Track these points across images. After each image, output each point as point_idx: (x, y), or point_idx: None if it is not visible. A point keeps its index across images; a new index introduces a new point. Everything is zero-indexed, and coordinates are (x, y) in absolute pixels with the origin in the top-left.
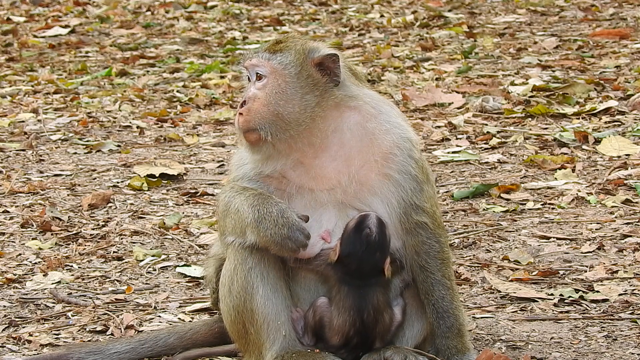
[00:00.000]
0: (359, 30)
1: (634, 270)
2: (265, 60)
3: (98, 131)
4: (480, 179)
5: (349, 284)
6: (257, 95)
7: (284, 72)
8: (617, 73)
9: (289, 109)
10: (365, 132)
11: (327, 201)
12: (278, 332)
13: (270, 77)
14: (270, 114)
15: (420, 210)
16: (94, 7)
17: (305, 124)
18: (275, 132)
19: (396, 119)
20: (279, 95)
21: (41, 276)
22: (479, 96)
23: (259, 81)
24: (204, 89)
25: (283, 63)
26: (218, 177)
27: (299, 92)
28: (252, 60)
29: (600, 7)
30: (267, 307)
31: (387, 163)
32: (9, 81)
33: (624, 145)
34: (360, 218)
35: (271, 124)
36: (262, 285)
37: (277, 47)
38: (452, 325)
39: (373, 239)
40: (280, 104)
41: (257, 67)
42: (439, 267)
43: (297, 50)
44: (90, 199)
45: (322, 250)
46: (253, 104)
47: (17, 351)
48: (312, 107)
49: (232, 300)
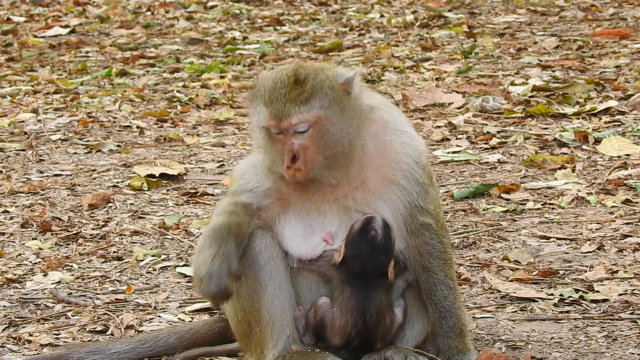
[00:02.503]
0: (359, 30)
1: (634, 270)
2: (305, 113)
3: (98, 131)
4: (480, 179)
5: (352, 285)
6: (304, 145)
7: (328, 115)
8: (617, 73)
9: (339, 148)
10: (380, 142)
11: (330, 205)
12: (282, 332)
13: (315, 125)
14: (326, 158)
15: (424, 211)
16: (94, 7)
17: (355, 152)
18: (334, 173)
19: (405, 127)
20: (328, 138)
21: (41, 276)
22: (479, 96)
23: (300, 133)
24: (204, 89)
25: (324, 107)
26: (218, 177)
27: (344, 126)
28: (291, 120)
29: (600, 7)
30: (274, 306)
31: (395, 170)
32: (9, 81)
33: (624, 145)
34: (366, 220)
35: (328, 168)
36: (271, 283)
37: (307, 91)
38: (454, 326)
39: (378, 241)
40: (332, 146)
41: (299, 124)
42: (442, 267)
43: (329, 86)
44: (90, 199)
45: (324, 252)
46: (305, 155)
47: (17, 351)
48: (355, 135)
49: (240, 301)
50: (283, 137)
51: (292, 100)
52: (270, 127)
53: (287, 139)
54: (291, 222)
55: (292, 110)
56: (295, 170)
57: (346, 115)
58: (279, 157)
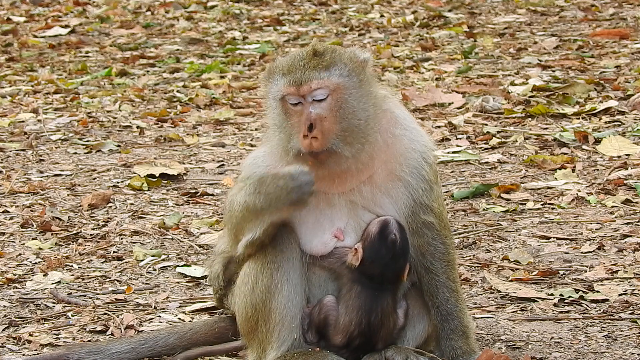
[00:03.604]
0: (359, 30)
1: (634, 270)
2: (326, 79)
3: (98, 131)
4: (480, 179)
5: (362, 284)
6: (322, 114)
7: (347, 84)
8: (617, 73)
9: (356, 121)
10: (390, 136)
11: (338, 200)
12: (290, 335)
13: (334, 93)
14: (343, 130)
15: (428, 209)
16: (94, 7)
17: (370, 130)
18: (349, 148)
19: (414, 124)
20: (346, 108)
21: (41, 276)
22: (479, 96)
23: (319, 101)
24: (204, 89)
25: (343, 75)
26: (218, 177)
27: (362, 99)
28: (311, 84)
29: (600, 7)
30: (287, 308)
31: (402, 166)
32: (9, 81)
33: (624, 145)
34: (383, 224)
35: (344, 141)
36: (287, 285)
37: (327, 60)
38: (456, 328)
39: (398, 245)
40: (349, 118)
41: (318, 90)
42: (444, 269)
43: (348, 57)
44: (90, 199)
45: (335, 249)
46: (322, 124)
47: (17, 351)
48: (372, 113)
49: (253, 299)
50: (300, 108)
51: (312, 68)
52: (289, 95)
53: (305, 108)
54: (300, 215)
55: (312, 76)
56: (312, 139)
57: (364, 90)
58: (295, 130)
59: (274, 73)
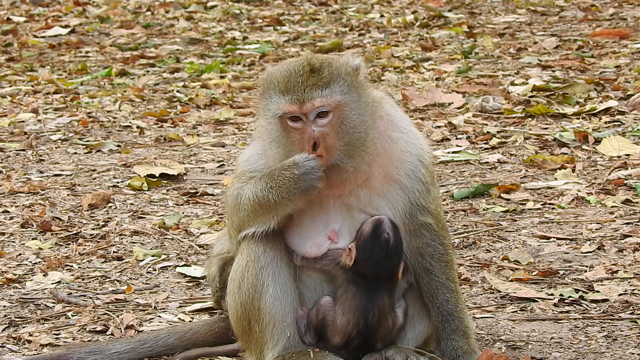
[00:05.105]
0: (359, 30)
1: (634, 270)
2: (328, 97)
3: (98, 131)
4: (480, 179)
5: (357, 284)
6: (325, 132)
7: (347, 100)
8: (617, 73)
9: (357, 135)
10: (387, 140)
11: (334, 202)
12: (283, 333)
13: (335, 110)
14: (345, 145)
15: (425, 211)
16: (94, 7)
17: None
18: (352, 160)
19: (410, 127)
20: (348, 124)
21: (41, 276)
22: (479, 96)
23: (320, 119)
24: (204, 89)
25: (343, 92)
26: (218, 177)
27: (361, 112)
28: (313, 103)
29: (600, 7)
30: (275, 307)
31: (399, 169)
32: (9, 81)
33: (624, 145)
34: (376, 223)
35: (347, 155)
36: (273, 284)
37: (326, 77)
38: (456, 328)
39: (391, 244)
40: (350, 132)
41: (320, 107)
42: (443, 270)
43: (345, 72)
44: (90, 199)
45: (329, 250)
46: (326, 142)
47: (17, 351)
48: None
49: (241, 297)
50: (301, 126)
51: (312, 86)
52: (290, 113)
53: (307, 127)
54: (294, 217)
55: (314, 94)
56: (318, 157)
57: (362, 102)
58: (296, 147)
59: (270, 89)
